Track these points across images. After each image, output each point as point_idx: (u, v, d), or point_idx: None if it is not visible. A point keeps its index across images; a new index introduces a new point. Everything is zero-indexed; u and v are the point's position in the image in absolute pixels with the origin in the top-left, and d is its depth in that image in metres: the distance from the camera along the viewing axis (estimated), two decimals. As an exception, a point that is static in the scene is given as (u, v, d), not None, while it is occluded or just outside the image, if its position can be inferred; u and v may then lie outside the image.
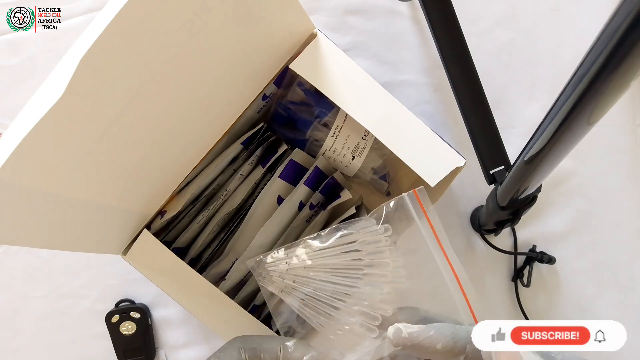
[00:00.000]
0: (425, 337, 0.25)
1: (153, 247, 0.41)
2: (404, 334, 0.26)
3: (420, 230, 0.32)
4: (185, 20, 0.29)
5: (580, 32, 0.54)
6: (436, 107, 0.55)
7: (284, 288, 0.33)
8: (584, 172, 0.54)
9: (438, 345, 0.25)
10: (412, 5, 0.54)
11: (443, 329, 0.26)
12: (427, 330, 0.26)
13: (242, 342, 0.29)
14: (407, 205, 0.32)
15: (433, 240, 0.32)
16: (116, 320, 0.53)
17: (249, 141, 0.47)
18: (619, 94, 0.25)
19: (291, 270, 0.33)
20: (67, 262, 0.55)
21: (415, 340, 0.26)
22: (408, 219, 0.32)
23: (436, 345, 0.25)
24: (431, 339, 0.25)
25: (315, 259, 0.33)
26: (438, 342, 0.25)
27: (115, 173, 0.34)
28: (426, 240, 0.31)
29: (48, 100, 0.24)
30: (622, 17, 0.20)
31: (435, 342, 0.25)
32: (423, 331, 0.26)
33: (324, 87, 0.39)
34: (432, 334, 0.25)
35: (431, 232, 0.32)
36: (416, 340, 0.26)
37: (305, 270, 0.33)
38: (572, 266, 0.54)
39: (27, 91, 0.55)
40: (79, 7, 0.55)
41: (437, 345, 0.25)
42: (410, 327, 0.26)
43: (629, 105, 0.54)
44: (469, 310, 0.30)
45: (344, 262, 0.33)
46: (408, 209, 0.32)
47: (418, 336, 0.26)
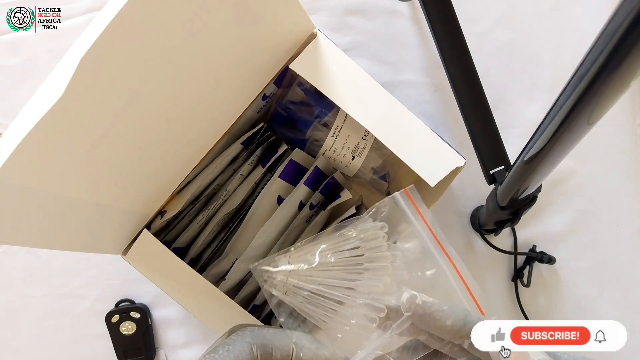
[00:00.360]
0: (437, 309, 0.25)
1: (153, 247, 0.41)
2: (418, 301, 0.26)
3: (417, 228, 0.32)
4: (185, 20, 0.29)
5: (580, 32, 0.54)
6: (436, 107, 0.55)
7: (287, 290, 0.33)
8: (584, 172, 0.54)
9: (448, 321, 0.25)
10: (412, 5, 0.54)
11: (456, 308, 0.26)
12: (441, 304, 0.26)
13: (253, 337, 0.29)
14: (400, 205, 0.32)
15: (431, 238, 0.32)
16: (116, 320, 0.53)
17: (249, 141, 0.47)
18: (619, 94, 0.25)
19: (294, 272, 0.33)
20: (67, 262, 0.55)
21: (428, 309, 0.25)
22: (404, 218, 0.32)
23: (446, 320, 0.25)
24: (443, 313, 0.25)
25: (317, 260, 0.33)
26: (449, 318, 0.25)
27: (115, 173, 0.34)
28: (424, 238, 0.31)
29: (48, 100, 0.24)
30: (622, 17, 0.20)
31: (446, 318, 0.25)
32: (437, 304, 0.26)
33: (324, 87, 0.39)
34: (445, 308, 0.25)
35: (427, 229, 0.32)
36: (428, 310, 0.25)
37: (307, 270, 0.33)
38: (572, 266, 0.54)
39: (27, 91, 0.55)
40: (79, 7, 0.55)
41: (447, 321, 0.25)
42: (425, 297, 0.26)
43: (629, 105, 0.54)
44: (474, 302, 0.30)
45: (344, 259, 0.33)
46: (402, 208, 0.32)
47: (431, 307, 0.25)
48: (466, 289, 0.30)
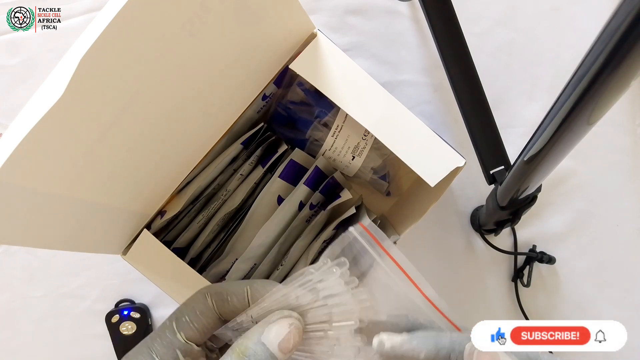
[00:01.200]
0: (407, 348, 0.26)
1: (153, 247, 0.41)
2: (386, 347, 0.26)
3: (383, 266, 0.30)
4: (185, 20, 0.29)
5: (580, 32, 0.54)
6: (436, 107, 0.55)
7: None
8: (584, 172, 0.54)
9: (421, 355, 0.25)
10: (412, 5, 0.54)
11: (426, 338, 0.26)
12: (410, 340, 0.26)
13: (208, 288, 0.29)
14: (359, 243, 0.30)
15: (400, 275, 0.30)
16: (116, 320, 0.53)
17: (249, 141, 0.47)
18: (619, 94, 0.25)
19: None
20: (67, 262, 0.55)
21: (398, 351, 0.26)
22: (365, 257, 0.30)
23: (419, 355, 0.25)
24: (414, 350, 0.26)
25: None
26: (420, 352, 0.26)
27: (115, 173, 0.34)
28: (392, 276, 0.30)
29: (48, 100, 0.24)
30: (622, 17, 0.20)
31: (418, 352, 0.26)
32: (406, 342, 0.26)
33: (324, 87, 0.39)
34: (414, 344, 0.26)
35: (395, 266, 0.30)
36: (399, 351, 0.26)
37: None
38: (572, 266, 0.54)
39: (27, 91, 0.55)
40: (79, 7, 0.55)
41: (420, 355, 0.25)
42: (393, 338, 0.26)
43: (629, 105, 0.54)
44: (445, 319, 0.29)
45: (309, 332, 0.30)
46: (362, 247, 0.29)
47: (401, 347, 0.26)
48: (438, 312, 0.29)
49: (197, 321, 0.28)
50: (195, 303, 0.28)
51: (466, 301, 0.54)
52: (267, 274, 0.47)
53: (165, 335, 0.27)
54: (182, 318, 0.28)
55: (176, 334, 0.27)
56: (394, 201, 0.53)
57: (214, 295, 0.28)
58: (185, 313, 0.28)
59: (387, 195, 0.52)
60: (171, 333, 0.27)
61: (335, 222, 0.46)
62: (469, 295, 0.54)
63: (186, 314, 0.28)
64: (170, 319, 0.28)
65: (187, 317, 0.28)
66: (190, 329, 0.27)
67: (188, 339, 0.27)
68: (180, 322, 0.28)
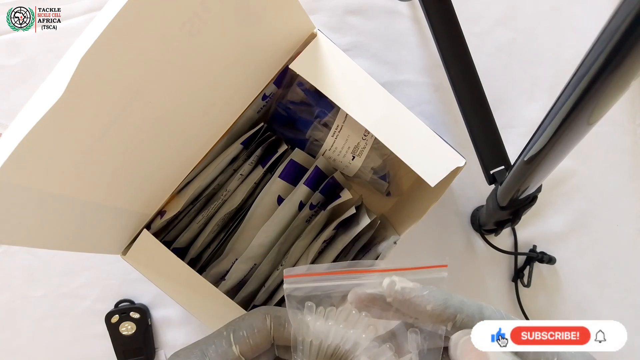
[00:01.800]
0: (417, 294, 0.25)
1: (153, 247, 0.41)
2: (397, 287, 0.26)
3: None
4: (185, 20, 0.29)
5: (580, 32, 0.54)
6: (436, 107, 0.55)
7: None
8: (584, 172, 0.54)
9: (428, 306, 0.25)
10: (412, 5, 0.54)
11: (437, 292, 0.25)
12: (421, 289, 0.25)
13: (268, 309, 0.30)
14: (301, 289, 0.28)
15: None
16: (116, 321, 0.53)
17: (249, 141, 0.47)
18: (619, 94, 0.25)
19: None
20: (67, 262, 0.55)
21: (407, 295, 0.25)
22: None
23: (426, 305, 0.25)
24: (422, 298, 0.25)
25: None
26: (429, 302, 0.25)
27: (115, 173, 0.34)
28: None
29: (48, 100, 0.24)
30: (622, 17, 0.20)
31: (426, 303, 0.25)
32: (416, 289, 0.25)
33: (324, 87, 0.39)
34: (425, 293, 0.25)
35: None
36: (407, 295, 0.25)
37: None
38: (572, 266, 0.54)
39: (27, 91, 0.55)
40: (79, 7, 0.55)
41: (427, 306, 0.25)
42: (405, 281, 0.26)
43: (629, 105, 0.54)
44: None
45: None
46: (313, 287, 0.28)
47: (410, 292, 0.25)
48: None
49: (252, 338, 0.29)
50: (254, 320, 0.29)
51: (466, 301, 0.54)
52: (267, 274, 0.47)
53: (221, 344, 0.28)
54: (239, 332, 0.29)
55: (232, 345, 0.28)
56: (394, 201, 0.53)
57: (274, 318, 0.29)
58: (243, 327, 0.29)
59: (387, 195, 0.52)
60: (227, 344, 0.28)
61: (335, 222, 0.46)
62: (469, 295, 0.54)
63: (244, 329, 0.29)
64: (227, 329, 0.29)
65: (245, 332, 0.29)
66: (245, 344, 0.28)
67: (241, 353, 0.28)
68: (237, 335, 0.29)
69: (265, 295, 0.47)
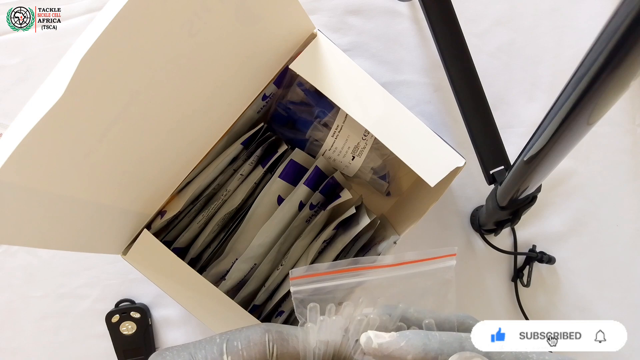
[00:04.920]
0: (395, 348, 0.25)
1: (153, 247, 0.41)
2: (374, 345, 0.26)
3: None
4: (185, 20, 0.29)
5: (580, 32, 0.54)
6: (436, 107, 0.55)
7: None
8: (584, 172, 0.54)
9: (408, 356, 0.25)
10: (412, 5, 0.54)
11: (414, 339, 0.25)
12: (398, 341, 0.25)
13: (269, 326, 0.29)
14: (305, 290, 0.28)
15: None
16: (116, 320, 0.53)
17: (249, 141, 0.47)
18: (619, 94, 0.25)
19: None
20: (67, 262, 0.55)
21: (385, 351, 0.25)
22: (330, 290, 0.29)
23: (407, 356, 0.25)
24: (401, 350, 0.25)
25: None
26: (408, 353, 0.25)
27: (116, 173, 0.34)
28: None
29: (48, 100, 0.24)
30: (622, 17, 0.20)
31: (406, 354, 0.25)
32: (393, 342, 0.25)
33: (324, 87, 0.39)
34: (402, 345, 0.25)
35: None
36: (386, 351, 0.25)
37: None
38: (572, 266, 0.54)
39: (27, 91, 0.55)
40: (79, 7, 0.55)
41: (407, 357, 0.25)
42: (381, 337, 0.26)
43: (629, 105, 0.54)
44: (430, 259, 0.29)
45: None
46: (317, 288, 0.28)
47: (388, 347, 0.25)
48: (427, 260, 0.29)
49: (247, 350, 0.28)
50: (252, 333, 0.28)
51: (466, 301, 0.54)
52: (267, 274, 0.47)
53: (212, 351, 0.28)
54: (233, 342, 0.28)
55: (223, 354, 0.27)
56: (394, 201, 0.53)
57: (275, 334, 0.28)
58: (239, 338, 0.28)
59: (387, 195, 0.52)
60: (219, 351, 0.28)
61: (335, 222, 0.46)
62: (469, 295, 0.54)
63: (239, 340, 0.28)
64: (221, 337, 0.28)
65: (240, 343, 0.28)
66: (237, 356, 0.28)
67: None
68: (231, 345, 0.28)
69: (265, 295, 0.47)
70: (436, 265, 0.29)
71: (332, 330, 0.28)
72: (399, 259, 0.28)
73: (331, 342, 0.28)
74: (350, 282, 0.28)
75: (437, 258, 0.29)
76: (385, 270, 0.29)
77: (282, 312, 0.47)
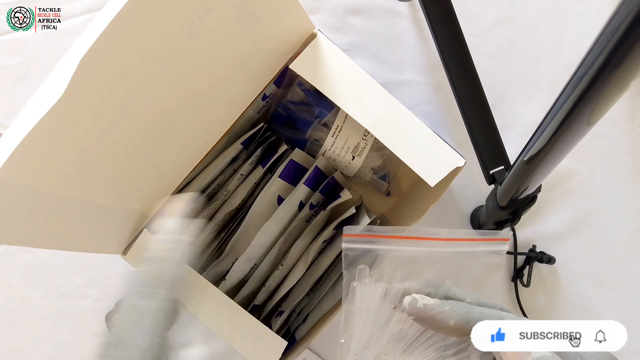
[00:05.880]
0: (439, 311, 0.26)
1: (153, 247, 0.41)
2: (419, 305, 0.26)
3: (395, 251, 0.29)
4: (185, 20, 0.29)
5: (580, 32, 0.54)
6: (436, 107, 0.55)
7: None
8: (584, 172, 0.54)
9: (451, 321, 0.26)
10: (412, 5, 0.54)
11: (457, 307, 0.26)
12: (442, 305, 0.26)
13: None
14: (359, 249, 0.29)
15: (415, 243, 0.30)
16: (116, 320, 0.53)
17: (249, 141, 0.47)
18: (619, 94, 0.25)
19: None
20: (67, 262, 0.55)
21: (429, 312, 0.26)
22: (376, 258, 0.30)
23: (449, 321, 0.26)
24: (444, 314, 0.26)
25: None
26: (451, 318, 0.26)
27: (116, 173, 0.34)
28: (407, 250, 0.30)
29: (48, 100, 0.24)
30: (622, 17, 0.20)
31: (448, 319, 0.26)
32: (438, 305, 0.26)
33: (324, 87, 0.39)
34: (446, 309, 0.26)
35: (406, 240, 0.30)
36: (430, 312, 0.26)
37: None
38: (572, 266, 0.54)
39: (27, 91, 0.55)
40: (79, 7, 0.55)
41: (449, 322, 0.26)
42: (426, 299, 0.26)
43: (629, 105, 0.54)
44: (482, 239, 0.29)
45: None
46: (364, 249, 0.29)
47: (432, 309, 0.26)
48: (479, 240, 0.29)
49: None
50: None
51: (466, 301, 0.54)
52: (267, 274, 0.47)
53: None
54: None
55: None
56: (394, 201, 0.53)
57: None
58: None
59: (387, 195, 0.52)
60: None
61: (335, 222, 0.46)
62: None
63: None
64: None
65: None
66: None
67: None
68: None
69: (265, 295, 0.47)
70: (487, 248, 0.29)
71: (374, 294, 0.28)
72: (454, 234, 0.29)
73: (371, 306, 0.28)
74: (402, 250, 0.28)
75: (491, 240, 0.29)
76: (439, 244, 0.29)
77: (282, 312, 0.47)
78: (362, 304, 0.28)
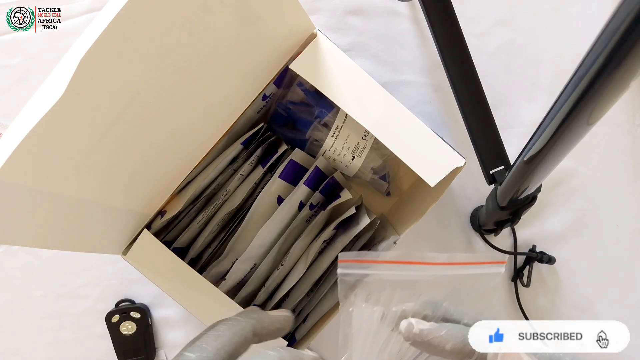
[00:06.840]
0: (435, 335, 0.26)
1: (153, 247, 0.41)
2: (415, 330, 0.26)
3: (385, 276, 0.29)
4: (185, 20, 0.29)
5: (580, 32, 0.54)
6: (436, 107, 0.55)
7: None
8: (584, 172, 0.54)
9: (447, 345, 0.26)
10: (412, 5, 0.54)
11: (454, 330, 0.26)
12: (439, 329, 0.26)
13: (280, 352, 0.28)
14: (352, 275, 0.29)
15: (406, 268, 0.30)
16: (116, 320, 0.53)
17: (249, 141, 0.47)
18: (619, 94, 0.25)
19: None
20: (67, 262, 0.55)
21: (426, 337, 0.26)
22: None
23: (445, 345, 0.26)
24: (441, 339, 0.26)
25: None
26: (447, 342, 0.26)
27: (116, 173, 0.34)
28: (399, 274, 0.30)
29: (48, 100, 0.24)
30: (622, 17, 0.20)
31: (445, 343, 0.26)
32: (434, 330, 0.26)
33: (324, 87, 0.39)
34: (442, 334, 0.26)
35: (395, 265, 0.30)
36: (426, 337, 0.26)
37: None
38: (572, 266, 0.54)
39: (27, 91, 0.55)
40: (79, 7, 0.55)
41: (446, 346, 0.26)
42: (422, 323, 0.26)
43: (629, 105, 0.54)
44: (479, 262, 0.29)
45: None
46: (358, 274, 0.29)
47: (428, 334, 0.26)
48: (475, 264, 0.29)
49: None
50: (241, 329, 0.29)
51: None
52: (267, 274, 0.47)
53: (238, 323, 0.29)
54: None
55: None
56: (394, 201, 0.53)
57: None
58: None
59: (387, 195, 0.52)
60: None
61: (335, 222, 0.46)
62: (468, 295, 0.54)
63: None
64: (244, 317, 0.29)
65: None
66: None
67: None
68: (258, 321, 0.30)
69: (265, 295, 0.47)
70: (485, 270, 0.29)
71: (372, 318, 0.28)
72: (452, 259, 0.29)
73: (369, 329, 0.28)
74: (399, 274, 0.28)
75: (488, 263, 0.29)
76: (436, 268, 0.29)
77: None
78: (360, 328, 0.28)
